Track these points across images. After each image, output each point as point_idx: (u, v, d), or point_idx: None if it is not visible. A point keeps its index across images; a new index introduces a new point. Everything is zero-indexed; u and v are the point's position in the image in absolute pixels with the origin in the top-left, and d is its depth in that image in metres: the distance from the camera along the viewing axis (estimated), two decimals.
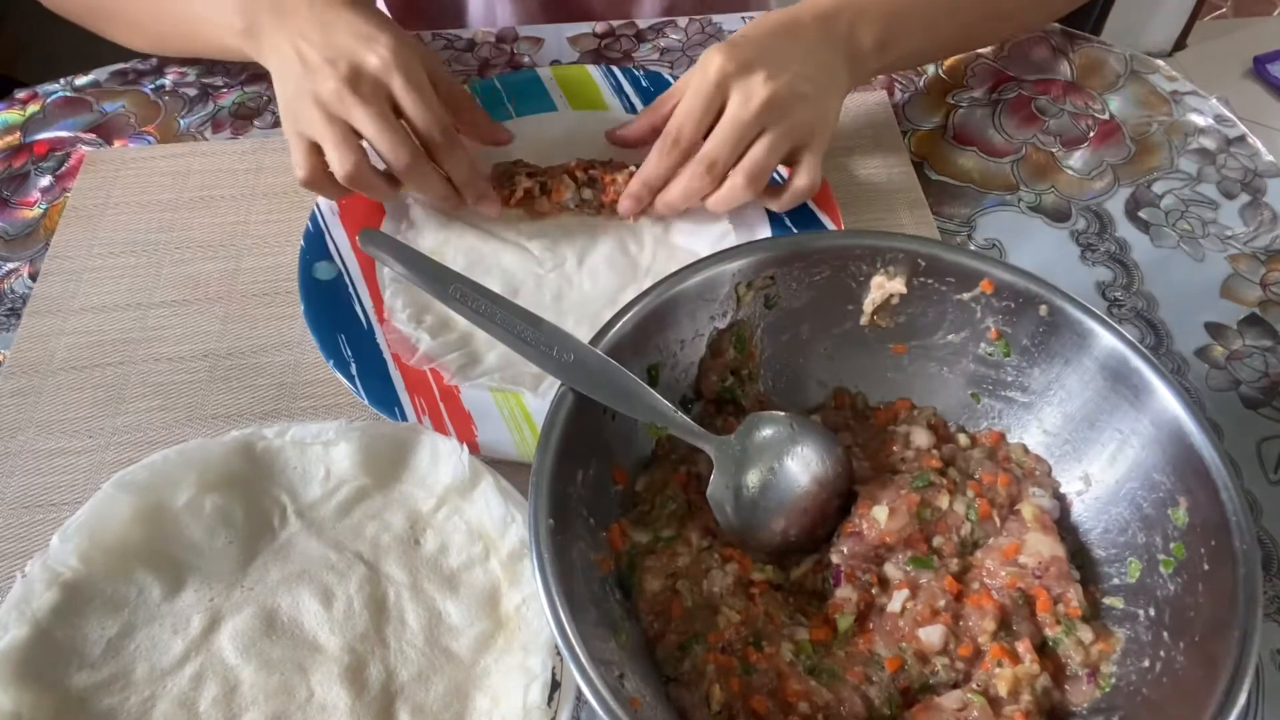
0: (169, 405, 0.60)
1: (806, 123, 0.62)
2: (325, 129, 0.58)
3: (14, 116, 0.77)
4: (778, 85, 0.59)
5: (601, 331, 0.49)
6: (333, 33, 0.59)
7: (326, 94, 0.58)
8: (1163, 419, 0.47)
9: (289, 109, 0.60)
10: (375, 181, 0.60)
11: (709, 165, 0.61)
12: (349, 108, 0.58)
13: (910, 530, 0.49)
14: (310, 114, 0.58)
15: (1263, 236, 0.70)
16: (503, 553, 0.50)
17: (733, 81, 0.60)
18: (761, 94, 0.59)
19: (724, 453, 0.49)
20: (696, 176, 0.62)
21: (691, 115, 0.61)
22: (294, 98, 0.59)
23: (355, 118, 0.58)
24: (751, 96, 0.59)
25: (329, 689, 0.46)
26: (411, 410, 0.57)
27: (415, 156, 0.60)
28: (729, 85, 0.60)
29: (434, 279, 0.54)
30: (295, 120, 0.60)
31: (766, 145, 0.61)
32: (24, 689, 0.44)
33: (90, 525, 0.48)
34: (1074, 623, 0.47)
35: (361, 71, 0.58)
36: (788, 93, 0.60)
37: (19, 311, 0.64)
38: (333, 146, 0.58)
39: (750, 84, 0.59)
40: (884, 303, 0.54)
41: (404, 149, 0.59)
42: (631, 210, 0.65)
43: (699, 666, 0.45)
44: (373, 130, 0.58)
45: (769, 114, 0.60)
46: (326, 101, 0.58)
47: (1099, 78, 0.81)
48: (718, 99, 0.60)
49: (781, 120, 0.60)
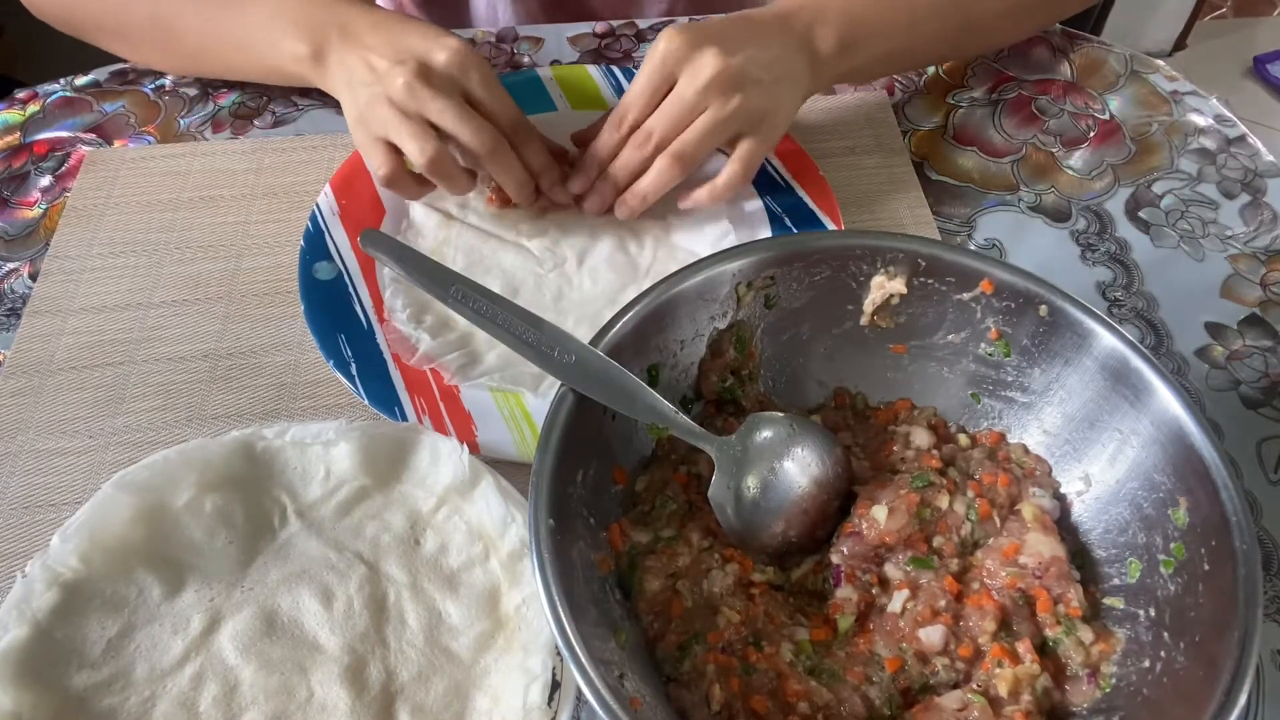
0: (169, 405, 0.60)
1: (756, 109, 0.60)
2: (400, 124, 0.58)
3: (14, 116, 0.77)
4: (727, 63, 0.58)
5: (601, 332, 0.49)
6: (399, 40, 0.60)
7: (398, 91, 0.58)
8: (1163, 419, 0.47)
9: (361, 119, 0.60)
10: (456, 171, 0.61)
11: (645, 137, 0.61)
12: (423, 101, 0.58)
13: (910, 530, 0.49)
14: (384, 114, 0.58)
15: (1263, 236, 0.70)
16: (503, 553, 0.50)
17: (683, 59, 0.59)
18: (709, 70, 0.58)
19: (725, 454, 0.49)
20: (635, 148, 0.61)
21: (639, 92, 0.60)
22: (366, 105, 0.60)
23: (430, 110, 0.58)
24: (698, 74, 0.59)
25: (329, 689, 0.46)
26: (411, 410, 0.57)
27: (499, 141, 0.60)
28: (679, 63, 0.59)
29: (434, 279, 0.54)
30: (368, 125, 0.60)
31: (702, 126, 0.59)
32: (24, 689, 0.44)
33: (90, 525, 0.48)
34: (1074, 623, 0.47)
35: (432, 67, 0.59)
36: (738, 72, 0.59)
37: (19, 311, 0.64)
38: (410, 138, 0.58)
39: (699, 62, 0.59)
40: (884, 303, 0.54)
41: (488, 134, 0.59)
42: (581, 188, 0.64)
43: (699, 666, 0.45)
44: (451, 119, 0.58)
45: (714, 92, 0.59)
46: (399, 99, 0.58)
47: (1099, 78, 0.81)
48: (667, 77, 0.60)
49: (727, 102, 0.59)
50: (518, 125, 0.62)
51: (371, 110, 0.59)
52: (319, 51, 0.64)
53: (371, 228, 0.63)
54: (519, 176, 0.63)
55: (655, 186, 0.62)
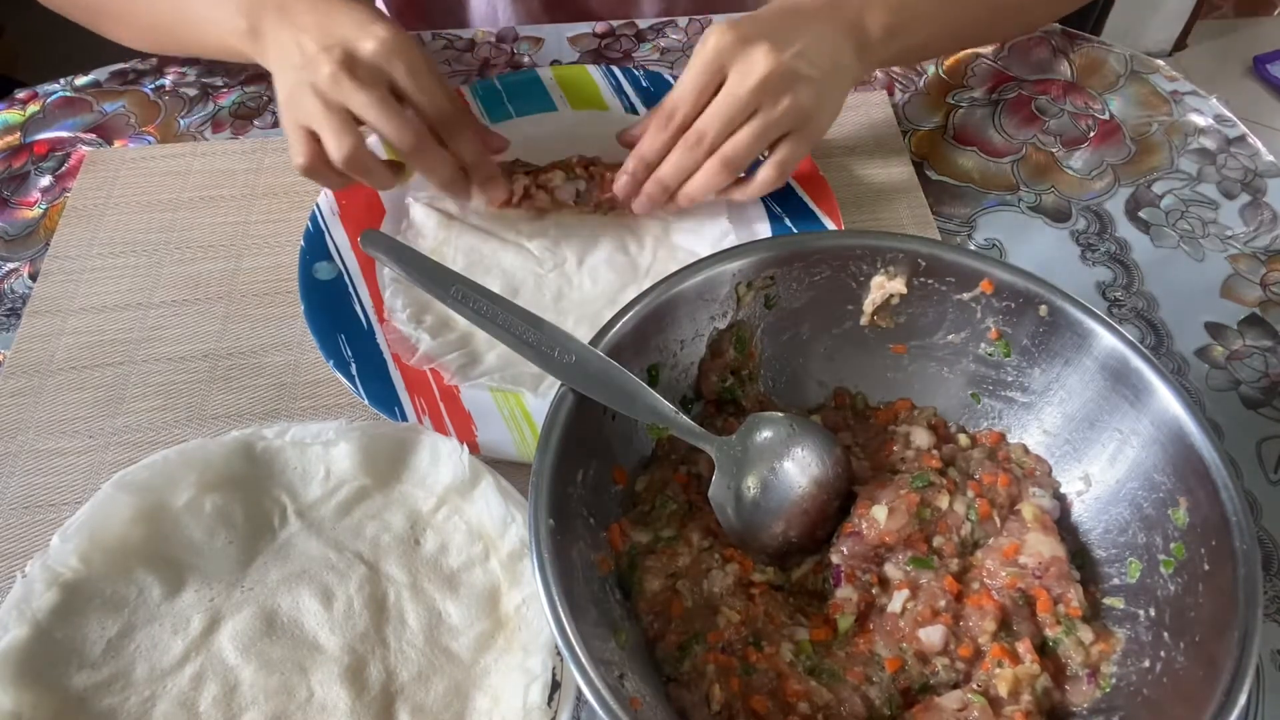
0: (169, 405, 0.60)
1: (803, 108, 0.60)
2: (323, 115, 0.57)
3: (14, 116, 0.77)
4: (778, 61, 0.58)
5: (601, 332, 0.49)
6: (330, 24, 0.59)
7: (323, 80, 0.57)
8: (1163, 419, 0.47)
9: (288, 101, 0.59)
10: (374, 165, 0.60)
11: (698, 139, 0.60)
12: (346, 93, 0.57)
13: (910, 530, 0.49)
14: (308, 102, 0.57)
15: (1263, 236, 0.70)
16: (503, 553, 0.50)
17: (733, 56, 0.58)
18: (760, 69, 0.57)
19: (725, 454, 0.49)
20: (686, 149, 0.60)
21: (688, 90, 0.59)
22: (293, 89, 0.59)
23: (353, 102, 0.57)
24: (750, 72, 0.58)
25: (329, 689, 0.46)
26: (411, 410, 0.57)
27: (421, 136, 0.59)
28: (728, 61, 0.58)
29: (434, 279, 0.54)
30: (294, 110, 0.59)
31: (753, 130, 0.59)
32: (24, 689, 0.44)
33: (90, 525, 0.48)
34: (1074, 623, 0.47)
35: (357, 57, 0.57)
36: (789, 70, 0.58)
37: (19, 311, 0.64)
38: (330, 132, 0.57)
39: (750, 59, 0.58)
40: (884, 303, 0.54)
41: (408, 129, 0.58)
42: (628, 190, 0.63)
43: (699, 666, 0.45)
44: (373, 114, 0.57)
45: (766, 91, 0.58)
46: (323, 89, 0.57)
47: (1099, 78, 0.81)
48: (716, 74, 0.59)
49: (778, 102, 0.59)
50: (446, 117, 0.60)
51: (297, 97, 0.58)
52: (255, 27, 0.63)
53: (371, 228, 0.63)
54: (444, 173, 0.61)
55: (704, 189, 0.61)
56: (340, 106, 0.57)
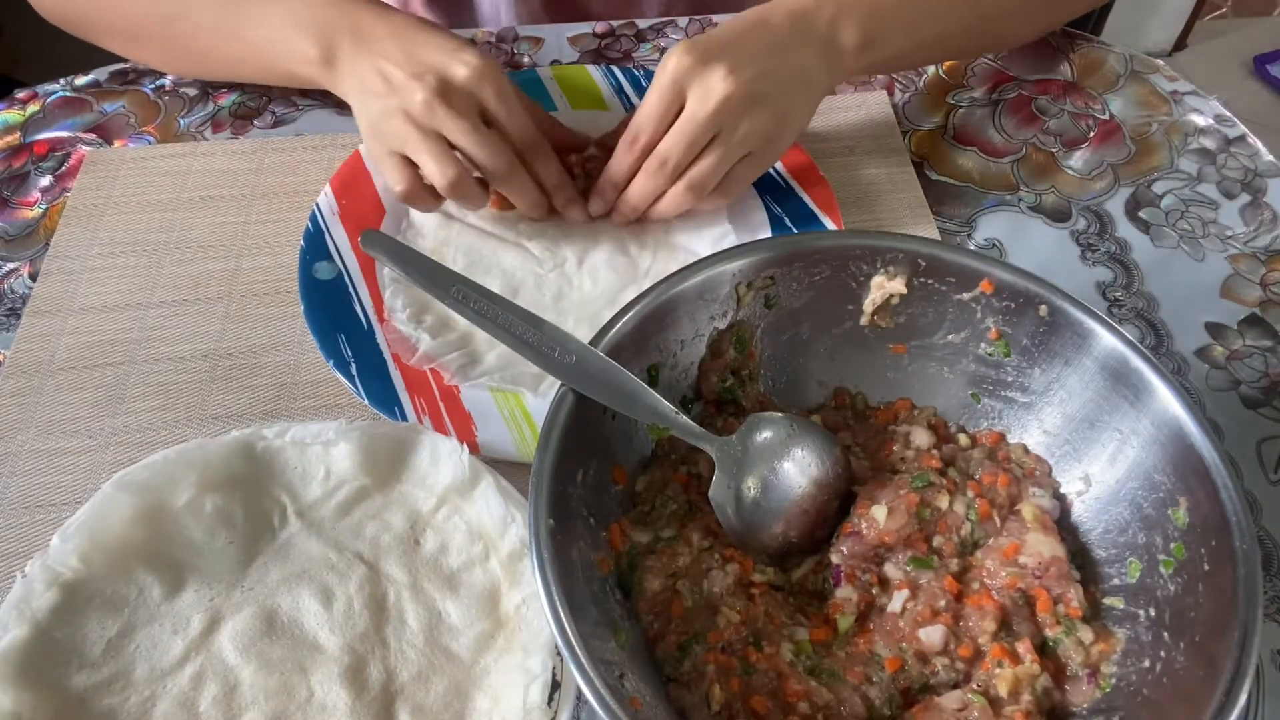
0: (169, 405, 0.60)
1: (762, 132, 0.60)
2: (420, 142, 0.58)
3: (14, 116, 0.77)
4: (736, 83, 0.58)
5: (601, 332, 0.49)
6: (416, 51, 0.59)
7: (416, 108, 0.57)
8: (1163, 419, 0.47)
9: (375, 129, 0.60)
10: (475, 190, 0.61)
11: (660, 163, 0.60)
12: (441, 120, 0.58)
13: (910, 530, 0.49)
14: (400, 129, 0.58)
15: (1263, 236, 0.70)
16: (503, 553, 0.50)
17: (691, 79, 0.58)
18: (718, 93, 0.58)
19: (725, 454, 0.49)
20: (650, 174, 0.61)
21: (650, 113, 0.60)
22: (380, 118, 0.59)
23: (448, 129, 0.58)
24: (708, 96, 0.58)
25: (329, 689, 0.46)
26: (411, 410, 0.57)
27: (513, 163, 0.60)
28: (687, 83, 0.59)
29: (434, 279, 0.55)
30: (384, 138, 0.60)
31: (715, 157, 0.60)
32: (24, 689, 0.44)
33: (90, 525, 0.48)
34: (1074, 623, 0.47)
35: (451, 84, 0.58)
36: (747, 94, 0.58)
37: (19, 311, 0.64)
38: (430, 159, 0.58)
39: (708, 82, 0.58)
40: (884, 303, 0.54)
41: (502, 156, 0.59)
42: (599, 211, 0.65)
43: (699, 666, 0.45)
44: (469, 141, 0.58)
45: (726, 114, 0.59)
46: (417, 116, 0.58)
47: (1099, 78, 0.81)
48: (677, 96, 0.59)
49: (738, 125, 0.59)
50: (532, 142, 0.62)
51: (387, 123, 0.59)
52: (329, 55, 0.63)
53: (371, 228, 0.63)
54: (532, 197, 0.63)
55: (673, 211, 0.63)
56: (435, 132, 0.58)
